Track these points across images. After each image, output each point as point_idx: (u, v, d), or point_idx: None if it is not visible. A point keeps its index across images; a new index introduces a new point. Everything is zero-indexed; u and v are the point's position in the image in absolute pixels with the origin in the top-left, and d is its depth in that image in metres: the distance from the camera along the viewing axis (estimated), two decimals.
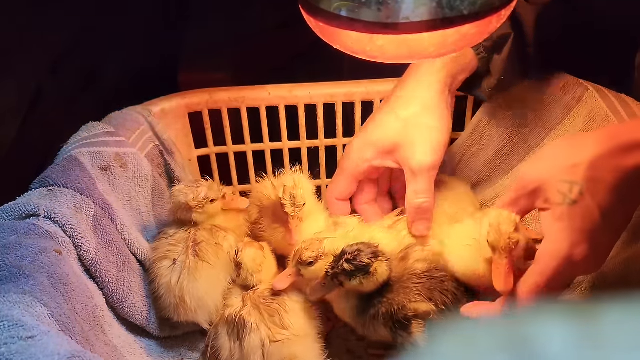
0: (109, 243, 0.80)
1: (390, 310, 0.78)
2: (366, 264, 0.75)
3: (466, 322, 0.32)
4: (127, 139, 0.92)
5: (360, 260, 0.75)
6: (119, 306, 0.80)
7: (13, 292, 0.60)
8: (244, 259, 0.85)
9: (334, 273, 0.77)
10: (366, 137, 0.92)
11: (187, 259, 0.84)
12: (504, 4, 0.57)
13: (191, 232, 0.86)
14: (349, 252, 0.76)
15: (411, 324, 0.78)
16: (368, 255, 0.76)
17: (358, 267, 0.75)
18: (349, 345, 0.90)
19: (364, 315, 0.80)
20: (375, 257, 0.76)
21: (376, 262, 0.76)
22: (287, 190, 0.85)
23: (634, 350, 0.28)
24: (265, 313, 0.80)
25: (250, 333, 0.78)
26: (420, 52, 0.59)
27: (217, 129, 1.05)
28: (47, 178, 0.78)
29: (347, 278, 0.76)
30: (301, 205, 0.85)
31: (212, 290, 0.85)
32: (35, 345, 0.52)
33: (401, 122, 0.89)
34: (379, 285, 0.78)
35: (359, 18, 0.55)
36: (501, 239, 0.74)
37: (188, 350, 0.90)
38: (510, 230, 0.74)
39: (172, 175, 1.02)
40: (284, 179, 0.90)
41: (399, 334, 0.78)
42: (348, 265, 0.75)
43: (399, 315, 0.78)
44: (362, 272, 0.76)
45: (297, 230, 0.86)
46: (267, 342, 0.78)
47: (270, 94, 1.04)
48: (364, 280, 0.76)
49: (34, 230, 0.70)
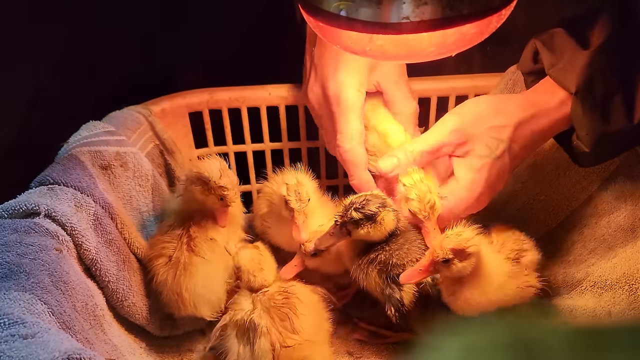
0: (109, 242, 0.80)
1: (389, 261, 0.79)
2: (374, 212, 0.76)
3: (466, 323, 0.32)
4: (128, 138, 0.92)
5: (369, 209, 0.76)
6: (119, 305, 0.80)
7: (13, 289, 0.60)
8: (240, 261, 0.84)
9: (342, 222, 0.78)
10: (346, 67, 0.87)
11: (181, 255, 0.83)
12: (504, 4, 0.57)
13: (184, 227, 0.86)
14: (358, 201, 0.77)
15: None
16: (376, 204, 0.77)
17: (366, 215, 0.76)
18: (349, 346, 0.90)
19: (362, 257, 0.81)
20: (383, 207, 0.77)
21: (384, 212, 0.77)
22: (291, 188, 0.85)
23: (634, 350, 0.28)
24: (276, 317, 0.79)
25: (261, 337, 0.77)
26: (420, 52, 0.60)
27: (217, 129, 1.06)
28: (48, 176, 0.78)
29: (355, 227, 0.77)
30: (306, 200, 0.85)
31: (211, 284, 0.85)
32: (35, 342, 0.52)
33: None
34: (386, 234, 0.79)
35: (359, 18, 0.55)
36: (422, 207, 0.78)
37: (188, 350, 0.90)
38: (427, 194, 0.78)
39: (173, 175, 1.02)
40: (286, 178, 0.90)
41: (389, 286, 0.79)
42: (356, 213, 0.76)
43: (394, 272, 0.79)
44: (370, 220, 0.77)
45: (304, 226, 0.85)
46: (278, 346, 0.77)
47: (270, 94, 1.04)
48: (372, 229, 0.77)
49: (34, 229, 0.70)
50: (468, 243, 0.74)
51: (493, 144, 0.78)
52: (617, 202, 0.89)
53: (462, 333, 0.31)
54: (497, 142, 0.78)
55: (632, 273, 0.81)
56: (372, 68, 0.88)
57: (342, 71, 0.86)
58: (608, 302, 0.82)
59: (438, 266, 0.75)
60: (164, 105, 1.02)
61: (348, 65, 0.86)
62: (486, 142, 0.78)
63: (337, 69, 0.86)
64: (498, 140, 0.79)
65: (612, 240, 0.88)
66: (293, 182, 0.86)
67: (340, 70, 0.86)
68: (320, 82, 0.88)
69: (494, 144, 0.78)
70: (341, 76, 0.85)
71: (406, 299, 0.79)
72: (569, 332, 0.29)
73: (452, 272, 0.75)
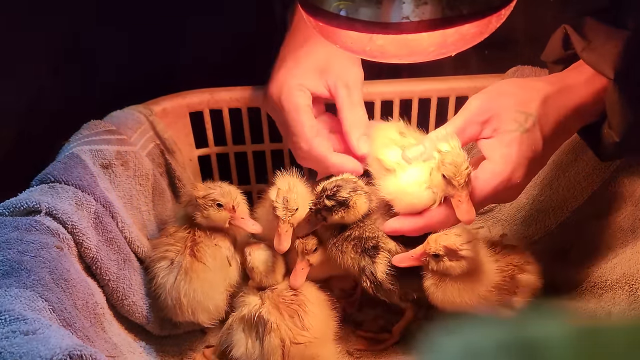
0: (110, 240, 0.80)
1: (363, 235, 0.81)
2: (345, 198, 0.79)
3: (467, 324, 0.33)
4: (129, 138, 0.92)
5: (340, 195, 0.78)
6: (119, 304, 0.81)
7: (14, 286, 0.60)
8: (254, 262, 0.84)
9: (316, 209, 0.80)
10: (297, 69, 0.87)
11: (184, 259, 0.83)
12: (504, 4, 0.57)
13: (191, 231, 0.86)
14: (329, 188, 0.79)
15: (378, 253, 0.81)
16: (347, 190, 0.79)
17: (338, 201, 0.79)
18: (348, 347, 0.90)
19: (338, 235, 0.82)
20: (354, 191, 0.79)
21: (355, 196, 0.79)
22: (281, 194, 0.83)
23: (633, 350, 0.28)
24: (285, 313, 0.79)
25: (271, 332, 0.77)
26: (420, 52, 0.60)
27: (218, 129, 1.06)
28: (49, 175, 0.78)
29: (329, 213, 0.80)
30: (293, 210, 0.82)
31: (210, 291, 0.84)
32: (36, 339, 0.52)
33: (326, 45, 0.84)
34: (360, 217, 0.81)
35: (359, 18, 0.55)
36: (458, 172, 0.72)
37: (188, 349, 0.90)
38: (464, 162, 0.73)
39: (173, 175, 1.02)
40: (279, 182, 0.87)
41: (364, 259, 0.81)
42: (329, 201, 0.79)
43: (369, 244, 0.81)
44: (343, 206, 0.79)
45: (285, 236, 0.81)
46: (288, 342, 0.77)
47: None
48: (345, 214, 0.80)
49: (35, 226, 0.70)
50: (462, 246, 0.74)
51: (521, 117, 0.75)
52: (617, 203, 0.89)
53: (462, 333, 0.31)
54: (525, 115, 0.76)
55: (632, 273, 0.81)
56: (321, 70, 0.87)
57: (283, 70, 0.86)
58: (608, 302, 0.82)
59: (429, 258, 0.76)
60: (164, 105, 1.02)
61: (290, 65, 0.86)
62: (513, 117, 0.76)
63: (279, 69, 0.87)
64: (526, 114, 0.76)
65: (612, 241, 0.88)
66: (285, 188, 0.84)
67: (281, 70, 0.86)
68: (269, 92, 0.88)
69: (522, 118, 0.75)
70: (281, 76, 0.86)
71: (380, 271, 0.81)
72: (569, 332, 0.29)
73: (439, 268, 0.76)
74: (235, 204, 0.85)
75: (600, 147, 0.83)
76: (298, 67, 0.86)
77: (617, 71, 0.77)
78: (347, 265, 0.83)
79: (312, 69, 0.86)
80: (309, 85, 0.86)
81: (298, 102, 0.84)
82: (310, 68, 0.86)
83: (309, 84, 0.86)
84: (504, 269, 0.82)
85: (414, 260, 0.78)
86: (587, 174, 0.94)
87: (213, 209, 0.84)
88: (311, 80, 0.86)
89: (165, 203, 0.98)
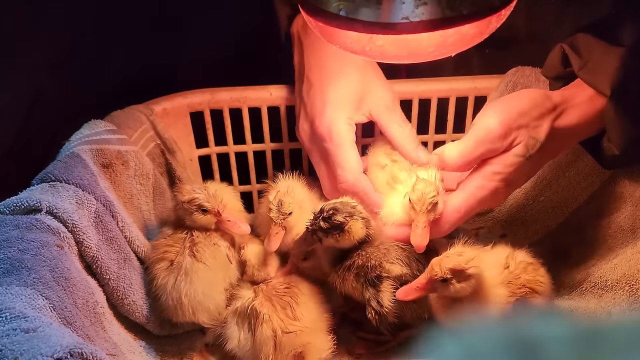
0: (110, 240, 0.80)
1: (366, 264, 0.80)
2: (341, 222, 0.77)
3: (466, 326, 0.33)
4: (129, 137, 0.93)
5: (335, 219, 0.77)
6: (119, 303, 0.81)
7: (15, 284, 0.60)
8: (247, 255, 0.85)
9: (312, 230, 0.79)
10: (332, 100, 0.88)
11: (184, 260, 0.83)
12: (504, 4, 0.57)
13: (188, 232, 0.86)
14: (326, 210, 0.78)
15: (381, 283, 0.80)
16: (344, 214, 0.78)
17: (333, 225, 0.77)
18: (348, 346, 0.90)
19: (340, 264, 0.81)
20: (350, 216, 0.78)
21: (351, 221, 0.78)
22: (277, 196, 0.83)
23: (633, 351, 0.28)
24: (277, 305, 0.80)
25: (263, 323, 0.77)
26: (420, 52, 0.60)
27: (218, 129, 1.06)
28: (49, 174, 0.78)
29: (324, 235, 0.78)
30: (286, 214, 0.83)
31: (211, 291, 0.84)
32: (37, 336, 0.52)
33: (359, 72, 0.89)
34: (356, 242, 0.80)
35: (359, 18, 0.55)
36: (422, 199, 0.77)
37: (188, 349, 0.90)
38: (432, 192, 0.77)
39: (173, 175, 1.02)
40: (280, 184, 0.88)
41: (367, 289, 0.80)
42: (324, 223, 0.77)
43: (372, 274, 0.79)
44: (338, 230, 0.78)
45: (275, 238, 0.82)
46: (279, 332, 0.77)
47: (271, 94, 1.04)
48: (340, 238, 0.78)
49: (36, 225, 0.70)
50: (468, 264, 0.72)
51: (531, 143, 0.77)
52: (618, 203, 0.90)
53: (462, 333, 0.31)
54: (535, 141, 0.77)
55: (633, 273, 0.81)
56: (360, 99, 0.88)
57: (329, 107, 0.86)
58: (608, 302, 0.82)
59: (436, 285, 0.73)
60: (165, 104, 1.03)
61: (335, 99, 0.87)
62: (525, 142, 0.77)
63: (325, 105, 0.87)
64: (535, 140, 0.78)
65: (613, 241, 0.88)
66: (283, 190, 0.85)
67: (328, 106, 0.86)
68: (310, 120, 0.89)
69: (532, 143, 0.77)
70: (329, 112, 0.86)
71: (386, 300, 0.79)
72: (569, 332, 0.29)
73: (450, 292, 0.73)
74: (221, 207, 0.85)
75: (601, 157, 0.84)
76: (341, 101, 0.87)
77: (614, 88, 0.77)
78: (348, 292, 0.82)
79: (354, 101, 0.88)
80: (355, 118, 0.88)
81: (348, 138, 0.86)
82: (353, 100, 0.88)
83: (355, 116, 0.88)
84: (516, 292, 0.79)
85: (420, 290, 0.75)
86: (587, 174, 0.94)
87: (198, 214, 0.84)
88: (355, 112, 0.88)
89: (165, 203, 0.98)
